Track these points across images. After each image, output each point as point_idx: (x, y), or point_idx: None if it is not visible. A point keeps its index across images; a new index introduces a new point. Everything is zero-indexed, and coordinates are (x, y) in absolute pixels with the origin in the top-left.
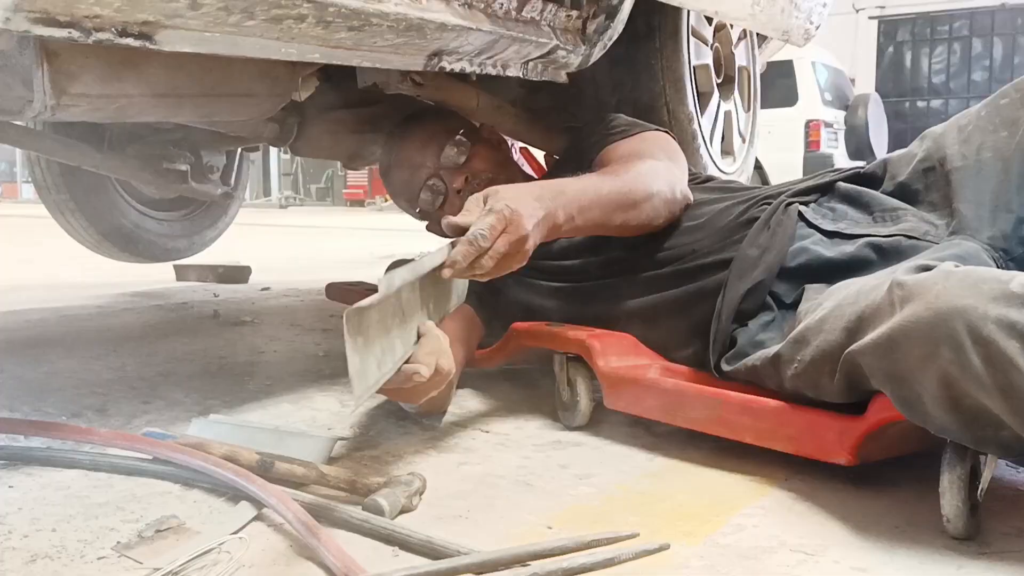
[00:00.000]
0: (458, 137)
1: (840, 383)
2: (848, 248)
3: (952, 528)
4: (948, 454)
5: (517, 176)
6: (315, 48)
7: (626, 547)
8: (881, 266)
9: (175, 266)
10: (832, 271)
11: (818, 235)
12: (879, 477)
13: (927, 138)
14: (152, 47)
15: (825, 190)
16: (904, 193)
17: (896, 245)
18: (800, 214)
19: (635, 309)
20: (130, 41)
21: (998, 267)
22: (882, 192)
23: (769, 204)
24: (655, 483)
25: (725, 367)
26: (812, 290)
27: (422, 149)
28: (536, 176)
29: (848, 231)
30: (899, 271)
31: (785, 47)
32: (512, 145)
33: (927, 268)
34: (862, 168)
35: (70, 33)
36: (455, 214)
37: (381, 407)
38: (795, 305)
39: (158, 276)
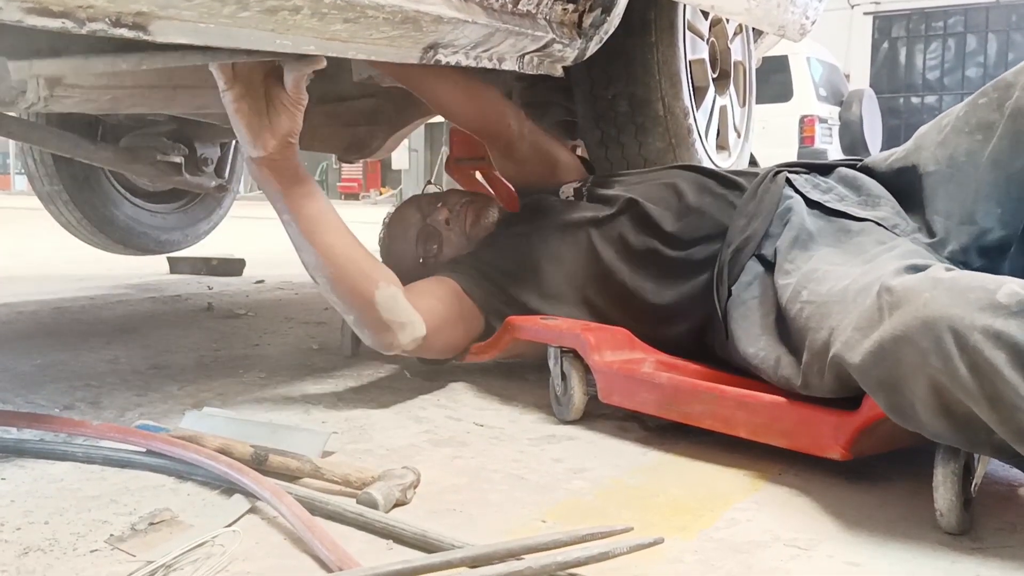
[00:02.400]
0: (426, 186)
1: (830, 381)
2: (822, 224)
3: (945, 523)
4: (942, 450)
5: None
6: (310, 40)
7: (620, 541)
8: (850, 242)
9: (169, 258)
10: (808, 239)
11: (801, 200)
12: (872, 472)
13: (913, 138)
14: (146, 38)
15: (824, 171)
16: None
17: (865, 229)
18: (788, 181)
19: (667, 302)
20: (124, 32)
21: None
22: None
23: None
24: (649, 477)
25: (719, 352)
26: (785, 256)
27: (407, 215)
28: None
29: (830, 204)
30: (887, 272)
31: (780, 42)
32: None
33: (916, 268)
34: (856, 164)
35: (63, 23)
36: (453, 250)
37: (374, 400)
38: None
39: (152, 268)
